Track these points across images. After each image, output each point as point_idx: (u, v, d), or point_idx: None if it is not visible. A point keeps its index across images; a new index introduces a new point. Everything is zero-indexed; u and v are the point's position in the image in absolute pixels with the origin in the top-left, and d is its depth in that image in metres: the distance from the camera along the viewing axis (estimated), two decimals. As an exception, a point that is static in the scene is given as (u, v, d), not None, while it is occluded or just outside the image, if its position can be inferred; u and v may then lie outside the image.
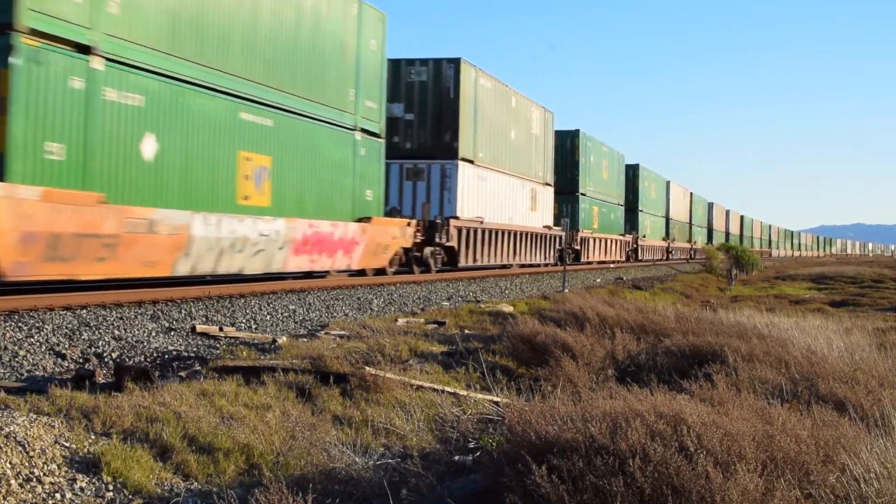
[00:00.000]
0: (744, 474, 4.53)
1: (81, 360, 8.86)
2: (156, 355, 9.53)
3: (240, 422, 6.50)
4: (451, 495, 5.33)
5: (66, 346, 9.26)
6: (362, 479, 5.66)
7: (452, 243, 25.46)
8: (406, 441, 6.79)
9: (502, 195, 30.38)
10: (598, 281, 31.28)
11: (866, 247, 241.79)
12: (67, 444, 5.63)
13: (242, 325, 12.15)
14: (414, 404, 7.63)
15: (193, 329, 11.10)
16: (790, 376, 8.08)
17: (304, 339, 11.06)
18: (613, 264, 45.81)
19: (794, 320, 14.04)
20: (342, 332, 11.79)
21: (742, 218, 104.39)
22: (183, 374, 8.13)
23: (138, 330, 10.61)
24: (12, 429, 5.50)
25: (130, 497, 5.23)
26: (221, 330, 11.22)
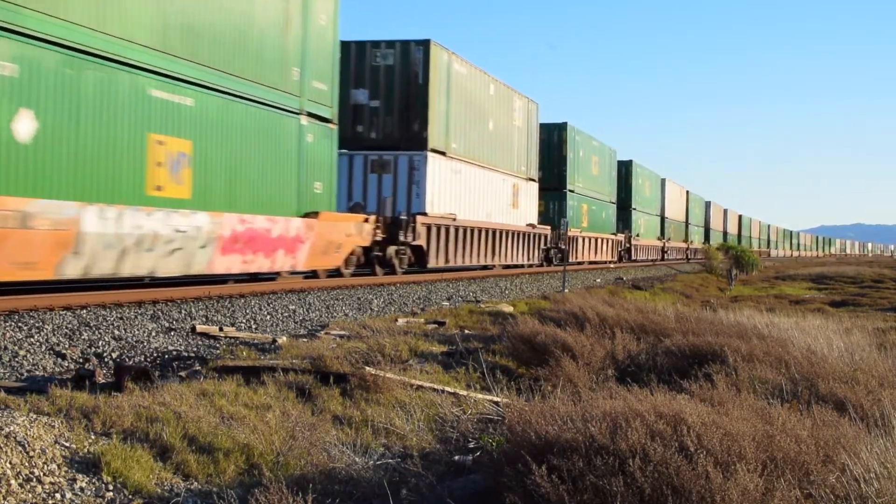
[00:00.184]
0: (744, 474, 4.53)
1: (81, 360, 8.86)
2: (156, 355, 9.54)
3: (240, 422, 6.51)
4: (451, 495, 5.33)
5: (66, 346, 9.26)
6: (362, 479, 5.67)
7: (420, 242, 23.29)
8: (406, 441, 6.79)
9: (480, 190, 28.15)
10: (598, 281, 31.31)
11: (866, 247, 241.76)
12: (67, 444, 5.63)
13: (242, 325, 12.16)
14: (414, 404, 7.63)
15: (193, 329, 11.10)
16: (790, 376, 8.09)
17: (304, 339, 11.06)
18: (607, 265, 44.25)
19: (794, 320, 14.05)
20: (342, 332, 11.80)
21: (740, 217, 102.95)
22: (183, 374, 8.14)
23: (138, 330, 10.62)
24: (12, 429, 5.51)
25: (130, 497, 5.24)
26: (221, 330, 11.23)
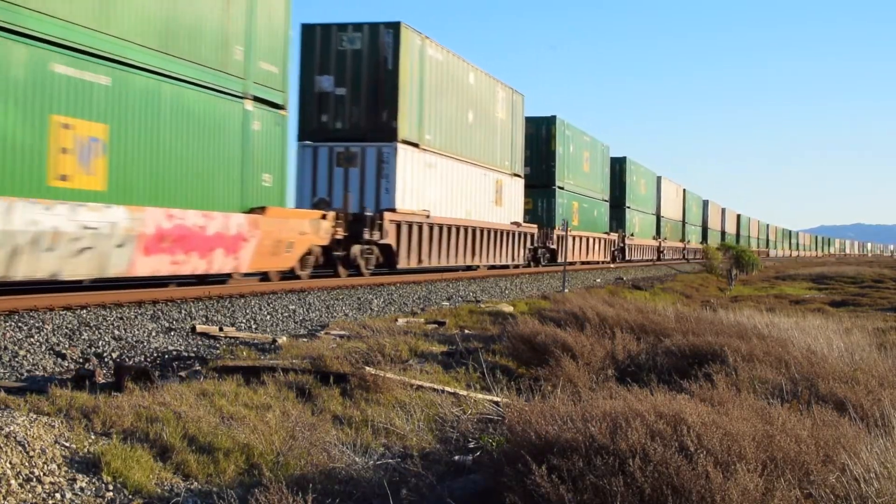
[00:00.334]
0: (744, 474, 4.53)
1: (81, 360, 8.86)
2: (156, 355, 9.54)
3: (240, 422, 6.51)
4: (451, 495, 5.33)
5: (66, 346, 9.27)
6: (362, 478, 5.67)
7: (388, 241, 21.71)
8: (406, 441, 6.79)
9: (458, 186, 26.33)
10: (598, 281, 31.33)
11: (865, 247, 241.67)
12: (67, 444, 5.63)
13: (242, 325, 12.16)
14: (414, 404, 7.63)
15: (193, 329, 11.10)
16: (790, 376, 8.08)
17: (304, 339, 11.06)
18: (599, 265, 42.78)
19: (794, 320, 14.04)
20: (342, 332, 11.80)
21: (739, 217, 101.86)
22: (183, 374, 8.14)
23: (138, 330, 10.62)
24: (12, 429, 5.51)
25: (130, 497, 5.24)
26: (221, 330, 11.23)
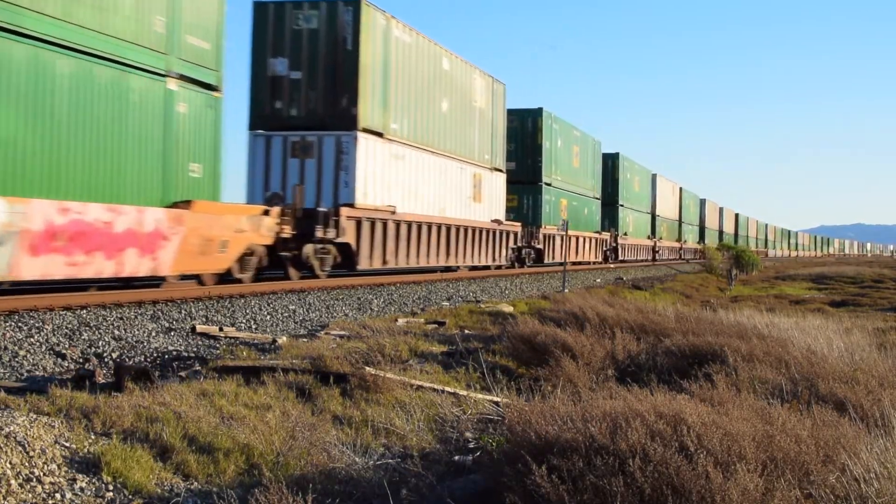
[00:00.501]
0: (744, 474, 4.53)
1: (81, 360, 8.86)
2: (156, 355, 9.54)
3: (240, 422, 6.51)
4: (451, 495, 5.33)
5: (66, 346, 9.27)
6: (362, 479, 5.67)
7: (347, 239, 19.66)
8: (406, 441, 6.79)
9: (431, 180, 24.35)
10: (598, 281, 31.34)
11: (864, 247, 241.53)
12: (67, 444, 5.63)
13: (242, 325, 12.16)
14: (414, 404, 7.63)
15: (193, 329, 11.10)
16: (790, 376, 8.08)
17: (304, 339, 11.06)
18: (589, 266, 40.90)
19: (794, 320, 14.04)
20: (342, 332, 11.80)
21: (737, 216, 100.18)
22: (183, 374, 8.14)
23: (138, 330, 10.62)
24: (12, 429, 5.51)
25: (130, 497, 5.24)
26: (221, 330, 11.23)
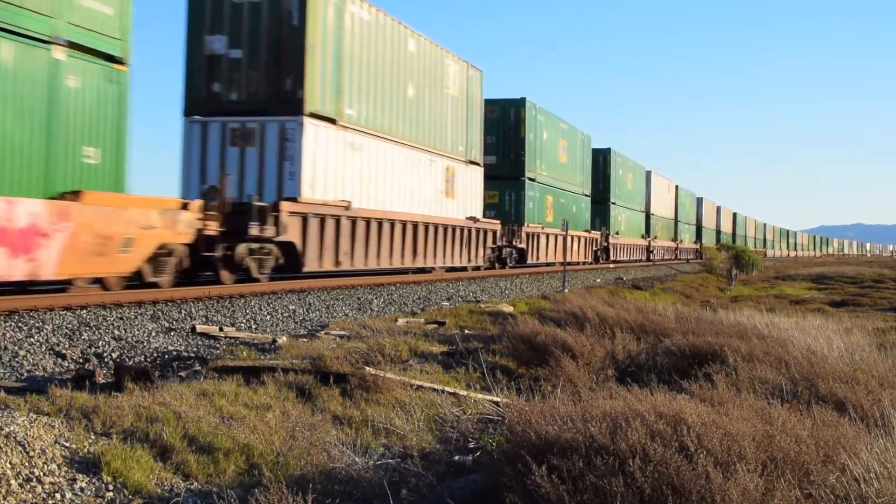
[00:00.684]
0: (744, 474, 4.53)
1: (81, 360, 8.86)
2: (156, 355, 9.54)
3: (240, 422, 6.51)
4: (451, 495, 5.33)
5: (66, 346, 9.27)
6: (362, 479, 5.67)
7: (290, 237, 17.42)
8: (406, 441, 6.79)
9: (395, 173, 22.21)
10: (598, 281, 31.35)
11: (864, 247, 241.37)
12: (67, 444, 5.63)
13: (242, 325, 12.15)
14: (414, 404, 7.63)
15: (193, 329, 11.10)
16: (790, 376, 8.08)
17: (304, 339, 11.06)
18: (578, 266, 38.63)
19: (794, 320, 14.04)
20: (342, 332, 11.80)
21: (735, 215, 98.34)
22: (183, 374, 8.14)
23: (138, 330, 10.62)
24: (12, 429, 5.51)
25: (130, 497, 5.24)
26: (221, 330, 11.23)
